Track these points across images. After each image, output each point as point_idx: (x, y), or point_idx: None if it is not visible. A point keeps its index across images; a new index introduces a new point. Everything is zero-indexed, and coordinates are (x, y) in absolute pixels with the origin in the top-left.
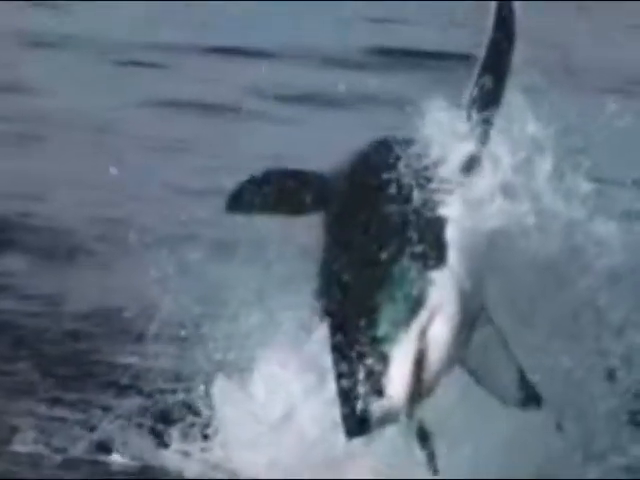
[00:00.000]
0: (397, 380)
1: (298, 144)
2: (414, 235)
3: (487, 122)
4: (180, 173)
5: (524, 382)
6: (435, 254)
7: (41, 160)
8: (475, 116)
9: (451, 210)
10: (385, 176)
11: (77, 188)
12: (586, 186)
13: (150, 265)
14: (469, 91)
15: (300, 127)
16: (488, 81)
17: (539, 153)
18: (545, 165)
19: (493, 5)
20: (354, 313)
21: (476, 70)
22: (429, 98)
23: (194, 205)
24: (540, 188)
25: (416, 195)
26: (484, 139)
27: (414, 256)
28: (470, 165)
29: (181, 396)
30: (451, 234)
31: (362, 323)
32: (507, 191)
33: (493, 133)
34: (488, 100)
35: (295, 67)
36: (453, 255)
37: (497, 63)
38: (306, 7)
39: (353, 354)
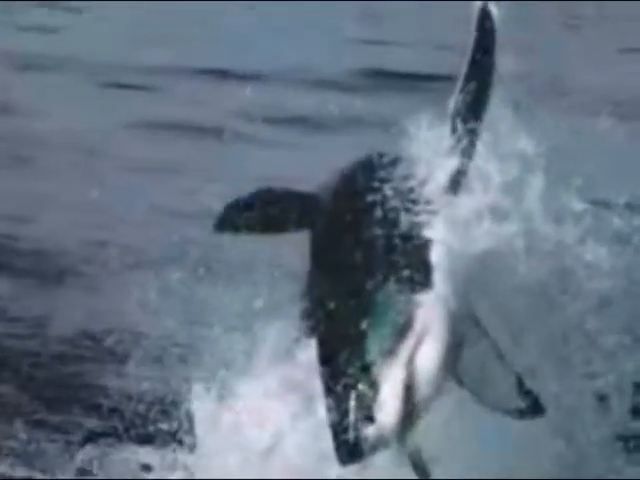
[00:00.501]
0: (387, 405)
1: (287, 167)
2: (399, 258)
3: (472, 134)
4: (168, 195)
5: (524, 391)
6: (421, 277)
7: (28, 182)
8: (459, 128)
9: (437, 231)
10: (370, 196)
11: (65, 210)
12: (577, 207)
13: (137, 287)
14: (453, 102)
15: (290, 150)
16: (471, 92)
17: (528, 173)
18: (534, 186)
19: (475, 16)
20: (341, 339)
21: (459, 82)
22: (417, 118)
23: (182, 227)
24: (529, 209)
25: (401, 216)
26: (469, 153)
27: (400, 279)
28: (456, 182)
29: (165, 421)
30: (437, 256)
31: (349, 349)
32: (495, 212)
33: (481, 152)
34: (472, 111)
35: (284, 89)
36: (439, 277)
37: (479, 74)
38: (296, 29)
39: (342, 381)
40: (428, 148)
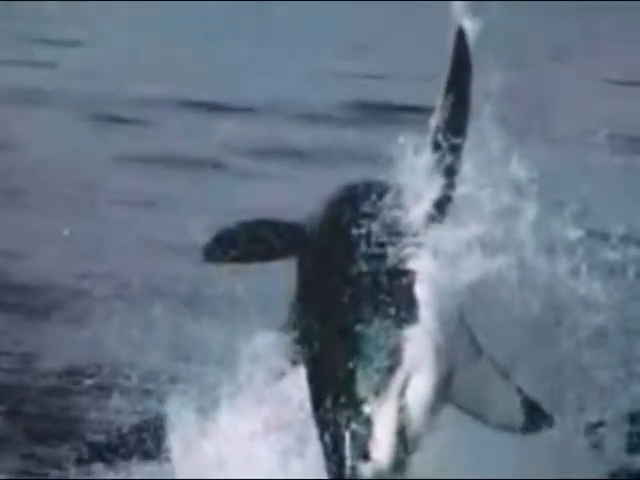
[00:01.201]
0: (382, 442)
1: (276, 198)
2: (384, 293)
3: (454, 152)
4: (157, 228)
5: (529, 404)
6: (407, 312)
7: (19, 216)
8: (441, 145)
9: (423, 264)
10: (354, 228)
11: (55, 244)
12: (570, 237)
13: (125, 321)
14: (433, 121)
15: (278, 182)
16: (451, 110)
17: (520, 203)
18: (527, 216)
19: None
20: (331, 377)
21: (439, 100)
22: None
23: (171, 260)
24: (521, 240)
25: (386, 249)
26: (453, 174)
27: (386, 315)
28: (441, 208)
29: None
30: (423, 289)
31: (340, 388)
32: (486, 243)
33: (470, 180)
34: (452, 129)
35: (272, 122)
36: (426, 311)
37: (458, 92)
38: (283, 63)
39: (335, 420)
40: (414, 176)
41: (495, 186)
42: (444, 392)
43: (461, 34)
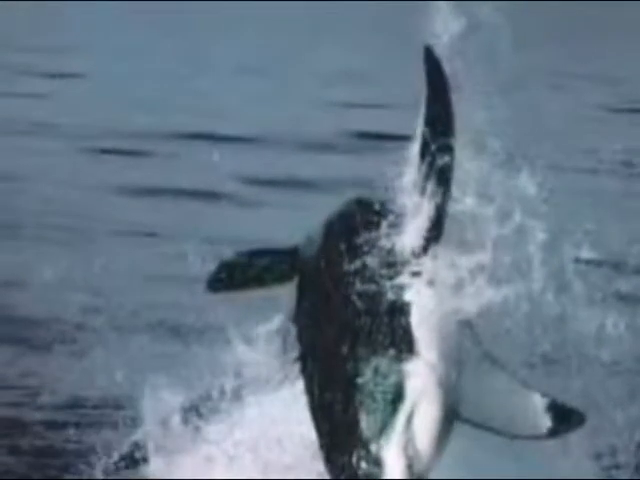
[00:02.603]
0: (393, 475)
1: (274, 227)
2: (379, 329)
3: (442, 173)
4: (156, 259)
5: (555, 406)
6: (403, 346)
7: (18, 249)
8: (425, 167)
9: (419, 296)
10: (346, 266)
11: (54, 276)
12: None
13: (128, 352)
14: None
15: (276, 210)
16: (435, 133)
17: (524, 231)
18: (531, 245)
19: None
20: (336, 422)
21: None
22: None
23: (170, 291)
24: (526, 269)
25: (379, 284)
26: (443, 196)
27: (382, 352)
28: (433, 233)
29: None
30: (421, 322)
31: (346, 431)
32: (487, 272)
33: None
34: (439, 150)
35: (270, 152)
36: (425, 343)
37: (439, 112)
38: (282, 92)
39: (345, 462)
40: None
41: (498, 210)
42: (451, 422)
43: (430, 54)
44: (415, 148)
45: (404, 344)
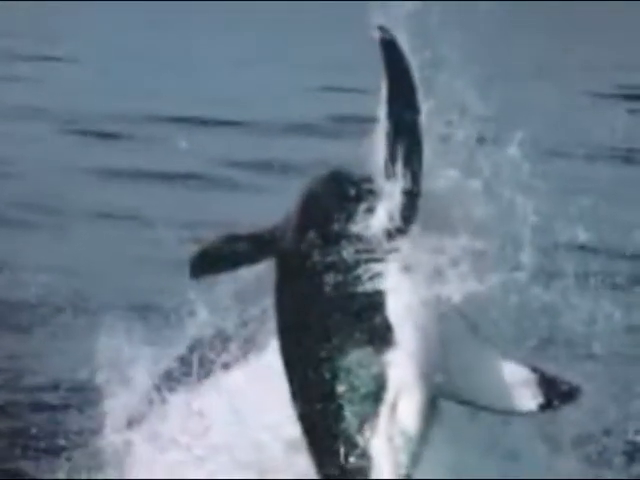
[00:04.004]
0: (381, 469)
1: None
2: (356, 319)
3: (412, 158)
4: (139, 242)
5: (546, 380)
6: (382, 336)
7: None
8: (392, 150)
9: (392, 281)
10: (319, 257)
11: (35, 259)
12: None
13: (109, 335)
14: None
15: (260, 193)
16: (400, 120)
17: (511, 215)
18: (519, 228)
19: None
20: (320, 414)
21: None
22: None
23: (153, 274)
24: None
25: (354, 269)
26: (414, 179)
27: (361, 343)
28: (406, 215)
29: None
30: (399, 311)
31: (331, 423)
32: (472, 256)
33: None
34: (404, 132)
35: (257, 135)
36: (406, 333)
37: (400, 90)
38: (269, 76)
39: (332, 455)
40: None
41: (485, 186)
42: (434, 408)
43: (388, 42)
44: (381, 128)
45: (381, 333)
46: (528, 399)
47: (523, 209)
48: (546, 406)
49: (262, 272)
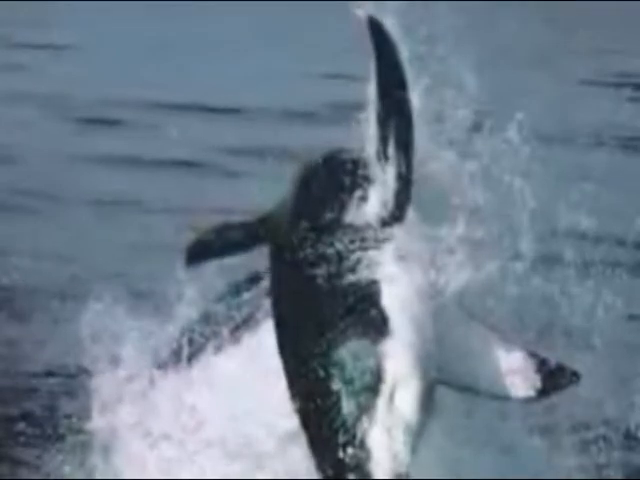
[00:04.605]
0: (379, 459)
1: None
2: (350, 309)
3: (402, 141)
4: (137, 229)
5: (545, 365)
6: (377, 326)
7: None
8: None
9: (386, 270)
10: (310, 250)
11: (33, 245)
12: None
13: (107, 322)
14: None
15: (258, 180)
16: (391, 102)
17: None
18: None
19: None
20: (318, 406)
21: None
22: None
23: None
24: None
25: (347, 258)
26: (406, 166)
27: (355, 333)
28: (399, 201)
29: None
30: (394, 301)
31: (329, 416)
32: (468, 244)
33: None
34: (395, 119)
35: (253, 122)
36: (400, 322)
37: (392, 80)
38: (267, 63)
39: (332, 446)
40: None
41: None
42: (431, 397)
43: (375, 24)
44: (371, 113)
45: (376, 324)
46: (526, 384)
47: (522, 195)
48: (544, 392)
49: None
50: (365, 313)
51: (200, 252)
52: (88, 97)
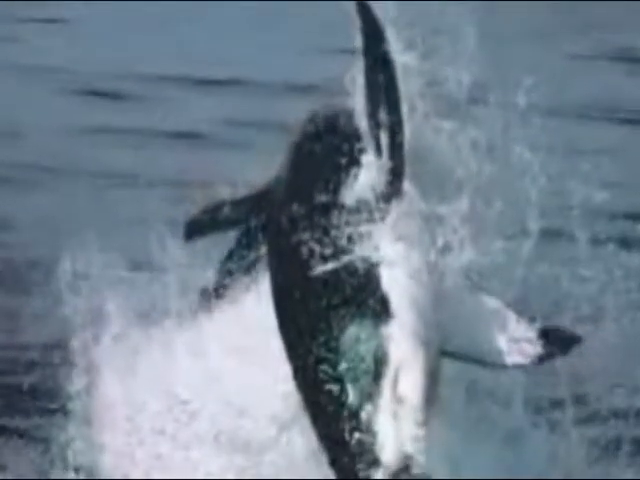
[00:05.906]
0: (386, 444)
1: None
2: (350, 292)
3: (392, 123)
4: (138, 203)
5: (548, 332)
6: (378, 309)
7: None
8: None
9: (385, 251)
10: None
11: (30, 218)
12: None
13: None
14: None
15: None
16: (378, 80)
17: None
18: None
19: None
20: (322, 393)
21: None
22: None
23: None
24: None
25: (344, 238)
26: (398, 147)
27: (356, 317)
28: (393, 180)
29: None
30: (395, 283)
31: (333, 401)
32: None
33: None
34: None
35: (256, 94)
36: (401, 305)
37: (378, 60)
38: (269, 36)
39: (338, 434)
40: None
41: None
42: (436, 378)
43: (364, 9)
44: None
45: (376, 306)
46: (530, 350)
47: (530, 168)
48: (546, 357)
49: None
50: (364, 295)
51: (199, 227)
52: (91, 70)
